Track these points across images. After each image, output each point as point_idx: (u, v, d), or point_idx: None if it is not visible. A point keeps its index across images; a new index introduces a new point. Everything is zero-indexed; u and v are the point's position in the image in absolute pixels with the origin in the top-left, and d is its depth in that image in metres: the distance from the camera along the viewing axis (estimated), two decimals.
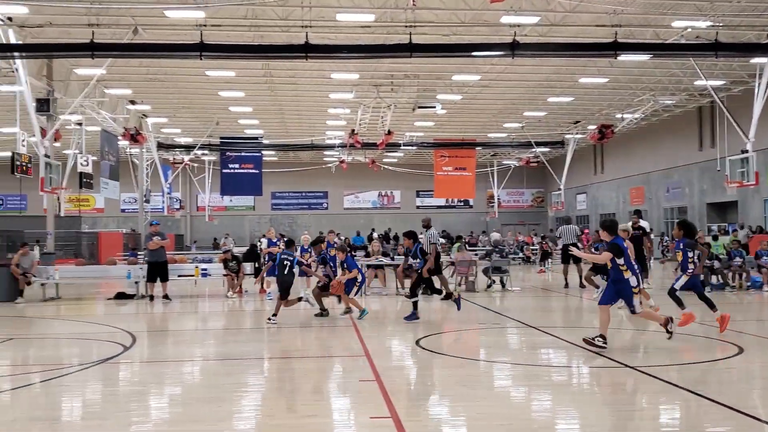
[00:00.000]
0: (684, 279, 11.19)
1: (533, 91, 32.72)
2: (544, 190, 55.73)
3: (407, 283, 18.00)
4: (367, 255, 21.35)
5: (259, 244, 23.86)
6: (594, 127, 35.99)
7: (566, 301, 17.33)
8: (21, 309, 15.67)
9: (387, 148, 39.54)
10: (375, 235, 36.64)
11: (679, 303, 11.10)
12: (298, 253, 14.37)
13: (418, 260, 13.55)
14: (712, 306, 11.16)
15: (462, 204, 54.81)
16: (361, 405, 6.96)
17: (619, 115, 36.02)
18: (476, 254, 22.97)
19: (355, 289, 13.65)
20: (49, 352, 10.76)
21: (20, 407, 7.13)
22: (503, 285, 19.43)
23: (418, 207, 55.20)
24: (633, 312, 9.71)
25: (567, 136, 41.15)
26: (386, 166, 49.80)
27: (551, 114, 37.99)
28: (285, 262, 12.69)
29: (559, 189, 42.63)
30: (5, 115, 32.50)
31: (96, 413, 6.96)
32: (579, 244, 20.55)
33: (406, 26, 21.38)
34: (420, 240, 13.80)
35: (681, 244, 11.38)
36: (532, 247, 35.05)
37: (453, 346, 10.97)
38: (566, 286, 19.45)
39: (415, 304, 12.93)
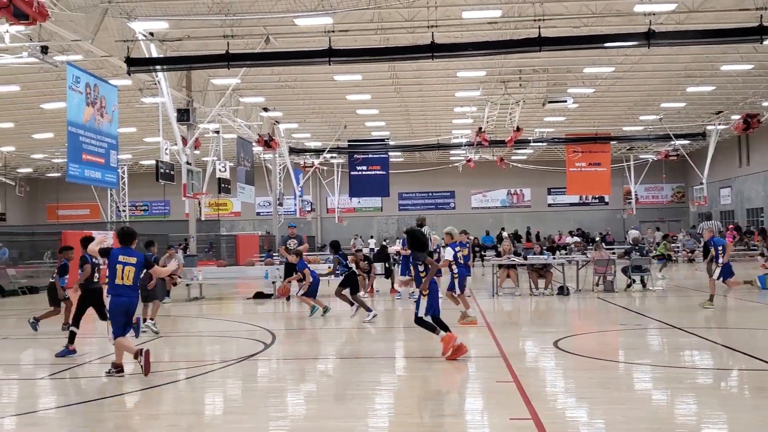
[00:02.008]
0: (424, 302, 9.16)
1: (671, 81, 31.18)
2: (684, 185, 52.91)
3: (541, 283, 17.60)
4: (498, 255, 20.98)
5: (385, 243, 24.04)
6: (738, 116, 33.84)
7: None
8: (168, 308, 16.49)
9: (516, 145, 38.89)
10: (505, 234, 36.11)
11: (432, 328, 9.18)
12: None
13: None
14: (433, 330, 9.20)
15: (597, 201, 52.97)
16: (499, 406, 6.79)
17: (765, 103, 33.67)
18: (614, 252, 22.07)
19: (303, 289, 13.98)
20: (194, 350, 11.23)
21: (168, 402, 7.44)
22: (644, 284, 18.54)
23: (549, 205, 53.86)
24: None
25: (709, 128, 38.95)
26: (515, 164, 48.96)
27: (691, 104, 36.06)
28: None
29: (701, 183, 40.44)
30: (149, 126, 34.58)
31: (238, 408, 7.15)
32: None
33: (534, 20, 20.87)
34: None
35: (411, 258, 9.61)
36: (674, 245, 33.31)
37: (592, 347, 10.52)
38: None
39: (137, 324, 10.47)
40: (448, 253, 12.17)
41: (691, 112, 37.88)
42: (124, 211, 44.15)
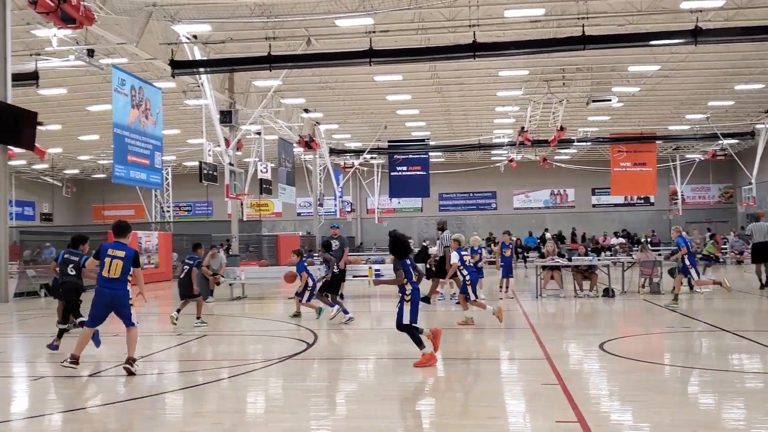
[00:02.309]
0: (408, 308, 8.75)
1: (718, 79, 30.50)
2: (732, 185, 51.68)
3: (586, 284, 17.35)
4: (541, 256, 20.73)
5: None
6: None
7: (760, 303, 15.89)
8: (211, 308, 16.65)
9: (559, 145, 38.44)
10: (548, 235, 35.72)
11: (419, 342, 8.75)
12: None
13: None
14: (418, 342, 8.78)
15: (642, 201, 52.06)
16: (545, 408, 6.68)
17: None
18: (660, 254, 21.65)
19: (307, 293, 13.76)
20: (237, 348, 11.31)
21: (212, 400, 7.48)
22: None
23: (594, 205, 53.07)
24: None
25: (758, 126, 38.05)
26: (558, 164, 48.39)
27: (739, 103, 35.23)
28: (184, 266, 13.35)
29: (750, 183, 39.45)
30: (193, 127, 35.04)
31: (279, 407, 7.15)
32: None
33: (578, 18, 20.65)
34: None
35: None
36: (722, 246, 32.57)
37: (639, 350, 10.32)
38: (762, 287, 17.98)
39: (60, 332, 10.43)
40: (453, 257, 12.60)
41: (740, 111, 37.05)
42: (168, 211, 44.80)
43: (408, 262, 8.93)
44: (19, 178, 47.61)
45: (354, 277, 19.11)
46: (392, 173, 40.89)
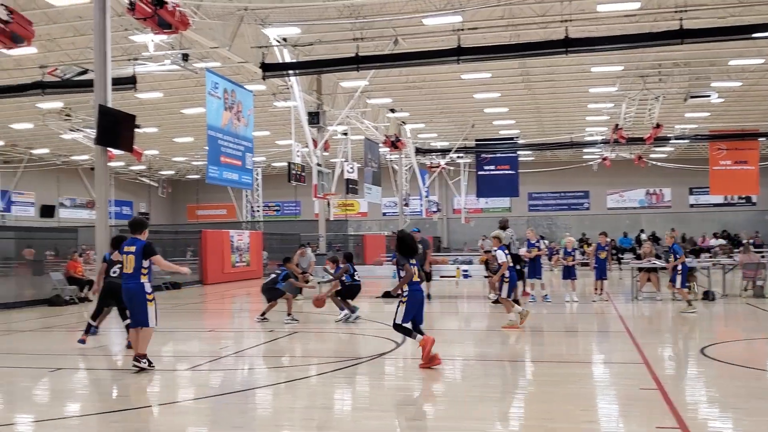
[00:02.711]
0: (403, 308, 8.67)
1: None
2: None
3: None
4: (637, 257, 20.02)
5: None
6: None
7: None
8: (300, 305, 16.85)
9: (655, 143, 37.13)
10: (644, 236, 34.61)
11: (408, 332, 8.73)
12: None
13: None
14: (409, 334, 8.78)
15: (743, 201, 49.60)
16: (644, 413, 6.41)
17: None
18: (763, 256, 20.55)
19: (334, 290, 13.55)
20: (326, 346, 11.38)
21: (301, 396, 7.52)
22: None
23: (691, 205, 50.98)
24: None
25: None
26: (654, 162, 46.72)
27: None
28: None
29: None
30: (281, 129, 35.67)
31: (367, 406, 7.12)
32: None
33: (675, 11, 19.84)
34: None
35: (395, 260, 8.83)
36: None
37: (742, 355, 9.79)
38: None
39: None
40: (500, 256, 12.22)
41: None
42: (258, 211, 45.77)
43: (412, 262, 8.79)
44: (117, 179, 49.68)
45: (441, 277, 18.98)
46: (479, 172, 40.45)
